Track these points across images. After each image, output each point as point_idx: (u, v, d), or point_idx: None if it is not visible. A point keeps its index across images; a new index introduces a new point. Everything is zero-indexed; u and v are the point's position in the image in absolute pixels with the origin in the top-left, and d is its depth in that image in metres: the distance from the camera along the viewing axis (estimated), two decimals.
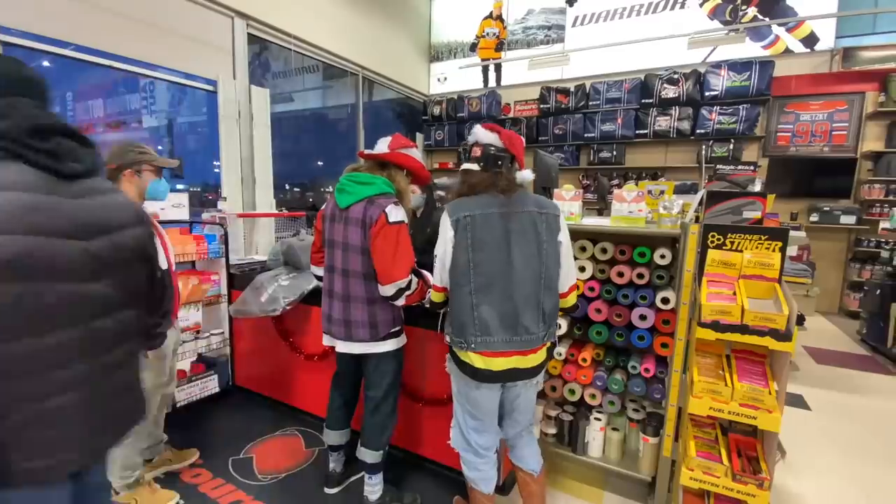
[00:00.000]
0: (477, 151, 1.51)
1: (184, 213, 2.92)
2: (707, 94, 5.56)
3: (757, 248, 1.63)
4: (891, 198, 5.02)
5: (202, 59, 4.33)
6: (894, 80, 4.88)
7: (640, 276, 1.89)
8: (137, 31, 3.81)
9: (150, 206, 2.10)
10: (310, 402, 2.66)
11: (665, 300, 1.85)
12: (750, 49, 5.61)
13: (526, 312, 1.47)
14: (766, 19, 5.53)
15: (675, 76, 5.67)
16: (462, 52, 7.37)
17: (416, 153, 1.88)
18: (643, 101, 5.89)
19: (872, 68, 5.06)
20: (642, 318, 1.90)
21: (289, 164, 7.08)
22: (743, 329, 1.49)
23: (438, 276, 1.56)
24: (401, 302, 1.74)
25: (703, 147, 5.28)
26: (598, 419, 2.05)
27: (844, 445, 2.57)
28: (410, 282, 1.71)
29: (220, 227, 2.89)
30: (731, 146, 5.53)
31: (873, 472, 2.33)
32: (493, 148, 1.50)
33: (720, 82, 5.49)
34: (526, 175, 1.55)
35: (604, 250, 1.97)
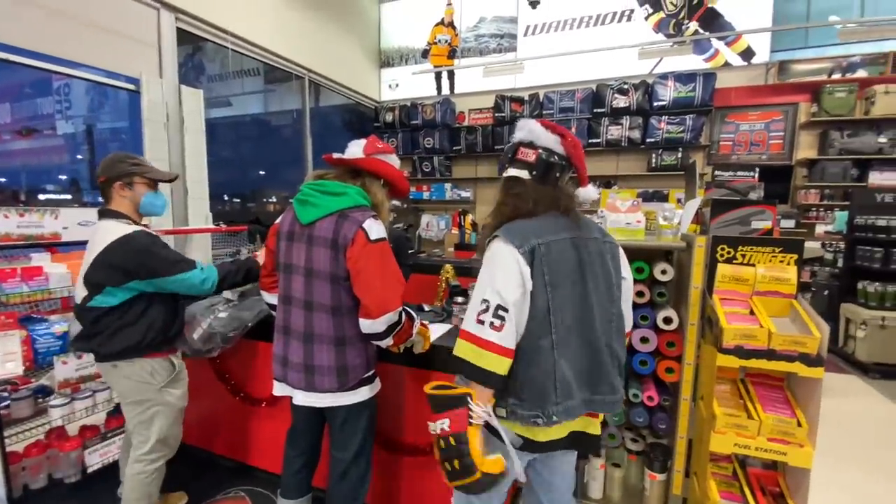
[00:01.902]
0: (530, 155, 1.18)
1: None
2: (655, 103, 5.68)
3: (770, 261, 1.48)
4: (825, 202, 5.33)
5: (123, 54, 3.77)
6: (825, 92, 5.20)
7: (640, 293, 1.71)
8: (48, 22, 3.23)
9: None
10: (257, 455, 2.25)
11: (668, 320, 1.68)
12: (693, 62, 5.82)
13: (607, 365, 1.17)
14: (706, 33, 5.77)
15: (626, 86, 5.76)
16: (414, 58, 7.15)
17: (395, 160, 1.57)
18: (595, 110, 5.94)
19: (805, 80, 5.38)
20: (644, 340, 1.71)
21: (227, 173, 6.50)
22: (770, 354, 1.33)
23: (512, 334, 1.08)
24: (388, 342, 1.42)
25: (694, 155, 5.35)
26: (598, 455, 1.84)
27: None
28: (401, 314, 1.41)
29: None
30: (680, 154, 5.68)
31: (849, 474, 2.30)
32: (553, 155, 1.18)
33: (668, 93, 5.63)
34: (591, 193, 1.24)
35: None
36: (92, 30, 3.57)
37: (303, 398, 1.47)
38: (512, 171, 1.22)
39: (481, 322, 1.09)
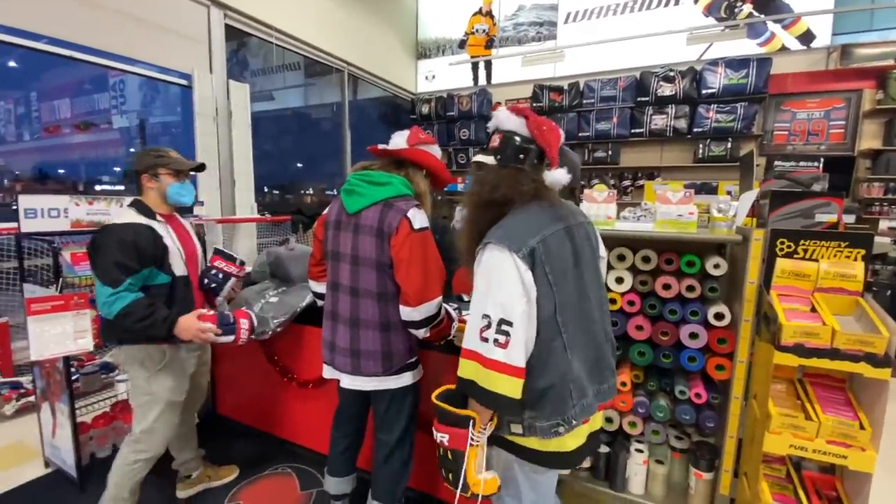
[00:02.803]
0: (496, 140, 1.14)
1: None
2: (704, 91, 5.42)
3: (835, 256, 1.41)
4: (890, 196, 4.97)
5: (176, 51, 3.95)
6: (892, 78, 4.82)
7: (691, 288, 1.66)
8: (107, 20, 3.43)
9: None
10: (304, 434, 2.35)
11: (719, 315, 1.62)
12: (746, 46, 5.51)
13: (607, 351, 1.17)
14: (762, 16, 5.45)
15: (672, 74, 5.53)
16: (451, 49, 7.12)
17: (437, 150, 1.59)
18: (639, 99, 5.73)
19: (870, 65, 5.00)
20: (693, 336, 1.66)
21: (267, 165, 6.72)
22: (833, 354, 1.27)
23: (520, 350, 1.00)
24: (423, 333, 1.45)
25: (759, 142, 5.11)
26: (640, 451, 1.81)
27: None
28: (440, 309, 1.43)
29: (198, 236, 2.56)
30: (729, 145, 5.41)
31: None
32: (515, 136, 1.12)
33: (717, 80, 5.37)
34: (558, 176, 1.13)
35: (646, 259, 1.73)
36: (148, 27, 3.75)
37: (349, 381, 1.53)
38: (478, 157, 1.17)
39: (485, 339, 1.00)
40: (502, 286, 1.01)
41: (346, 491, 1.74)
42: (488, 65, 6.88)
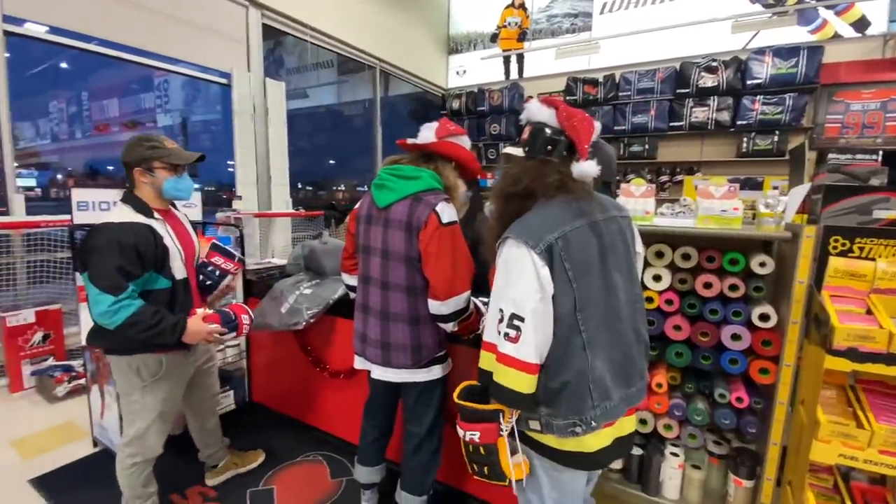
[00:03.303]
0: (525, 132, 1.13)
1: (196, 214, 2.69)
2: (749, 82, 5.17)
3: (895, 255, 1.31)
4: None
5: (216, 51, 4.10)
6: None
7: (734, 287, 1.58)
8: (151, 21, 3.59)
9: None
10: (336, 423, 2.39)
11: (764, 317, 1.55)
12: (795, 34, 5.21)
13: (636, 353, 1.13)
14: (813, 1, 5.13)
15: (714, 64, 5.29)
16: (482, 43, 7.06)
17: (466, 141, 1.58)
18: (678, 91, 5.52)
19: None
20: (735, 337, 1.59)
21: (302, 162, 6.87)
22: (890, 359, 1.19)
23: (531, 346, 0.99)
24: (452, 327, 1.45)
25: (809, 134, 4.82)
26: (676, 454, 1.75)
27: None
28: (468, 303, 1.43)
29: (236, 229, 2.64)
30: (776, 138, 5.14)
31: None
32: (545, 128, 1.10)
33: (764, 69, 5.10)
34: (586, 168, 1.09)
35: (686, 256, 1.66)
36: (190, 28, 3.90)
37: (380, 373, 1.55)
38: (507, 149, 1.16)
39: (499, 333, 1.02)
40: (516, 281, 1.01)
41: (376, 480, 1.77)
42: (520, 58, 6.78)
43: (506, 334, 1.00)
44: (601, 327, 1.06)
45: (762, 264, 1.55)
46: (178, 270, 1.63)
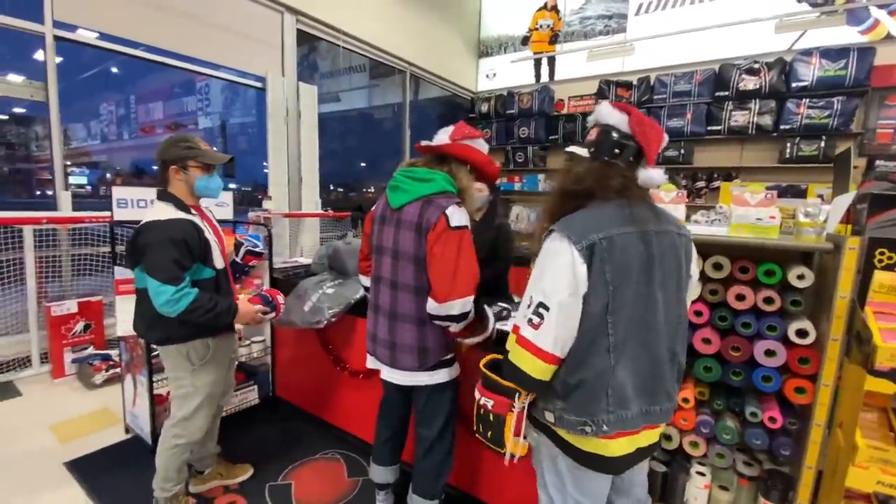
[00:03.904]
0: (592, 133, 1.14)
1: (227, 213, 2.78)
2: (794, 84, 4.92)
3: None
4: None
5: (252, 55, 4.24)
6: None
7: (769, 300, 1.50)
8: (192, 28, 3.76)
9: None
10: (354, 423, 2.41)
11: (802, 332, 1.45)
12: (845, 34, 4.92)
13: (667, 372, 1.10)
14: (864, 0, 4.84)
15: (756, 66, 5.06)
16: (513, 46, 7.02)
17: (483, 145, 1.57)
18: (717, 93, 5.31)
19: None
20: (769, 353, 1.50)
21: (332, 164, 7.00)
22: None
23: (550, 335, 1.02)
24: (456, 327, 1.44)
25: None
26: (702, 474, 1.67)
27: None
28: (466, 308, 1.40)
29: (265, 228, 2.71)
30: (823, 144, 4.87)
31: None
32: (614, 131, 1.10)
33: (810, 72, 4.84)
34: (653, 175, 1.10)
35: (717, 266, 1.59)
36: (229, 34, 4.04)
37: (388, 373, 1.56)
38: (572, 148, 1.16)
39: (524, 317, 1.06)
40: (550, 273, 1.04)
41: (390, 480, 1.77)
42: (551, 61, 6.70)
43: (529, 319, 1.04)
44: (632, 337, 1.05)
45: (801, 277, 1.46)
46: (219, 261, 1.76)
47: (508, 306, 1.95)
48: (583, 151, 1.14)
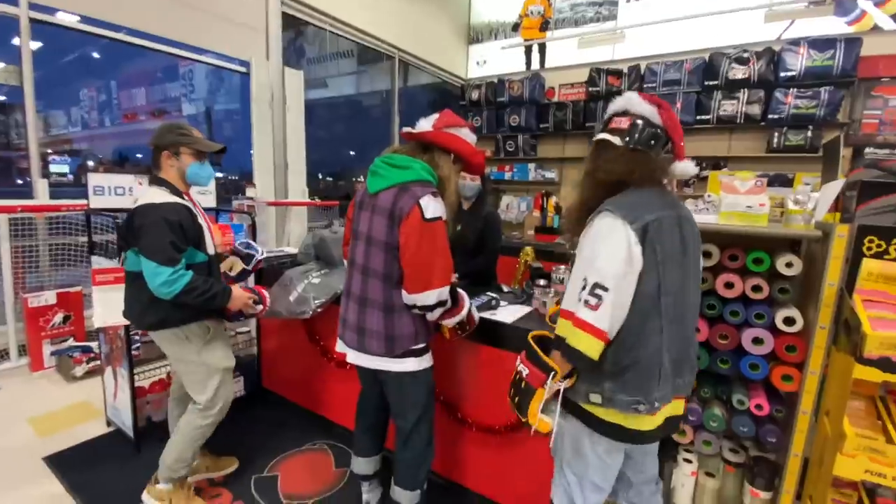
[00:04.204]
0: (623, 123, 1.14)
1: (210, 201, 2.71)
2: (782, 74, 4.92)
3: None
4: None
5: (236, 39, 4.11)
6: None
7: (757, 288, 1.49)
8: (174, 10, 3.62)
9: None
10: (341, 413, 2.39)
11: (789, 320, 1.45)
12: (832, 25, 4.94)
13: (692, 347, 1.19)
14: None
15: (746, 55, 5.06)
16: (503, 32, 6.93)
17: (468, 134, 1.53)
18: (706, 82, 5.30)
19: None
20: (757, 341, 1.50)
21: (320, 152, 6.89)
22: None
23: (607, 315, 1.03)
24: (432, 315, 1.43)
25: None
26: (689, 461, 1.68)
27: None
28: (443, 298, 1.40)
29: (248, 217, 2.65)
30: (810, 133, 4.90)
31: None
32: (649, 123, 1.13)
33: (799, 61, 4.85)
34: (686, 168, 1.17)
35: (706, 254, 1.58)
36: (211, 17, 3.91)
37: (354, 357, 1.54)
38: (603, 135, 1.17)
39: (579, 300, 1.06)
40: (606, 253, 1.05)
41: (369, 472, 1.76)
42: (542, 48, 6.63)
43: (586, 301, 1.04)
44: (675, 317, 1.10)
45: (789, 265, 1.46)
46: (210, 247, 1.78)
47: (496, 295, 1.93)
48: (615, 140, 1.14)
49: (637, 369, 1.07)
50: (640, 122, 1.13)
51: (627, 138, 1.13)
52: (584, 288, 1.05)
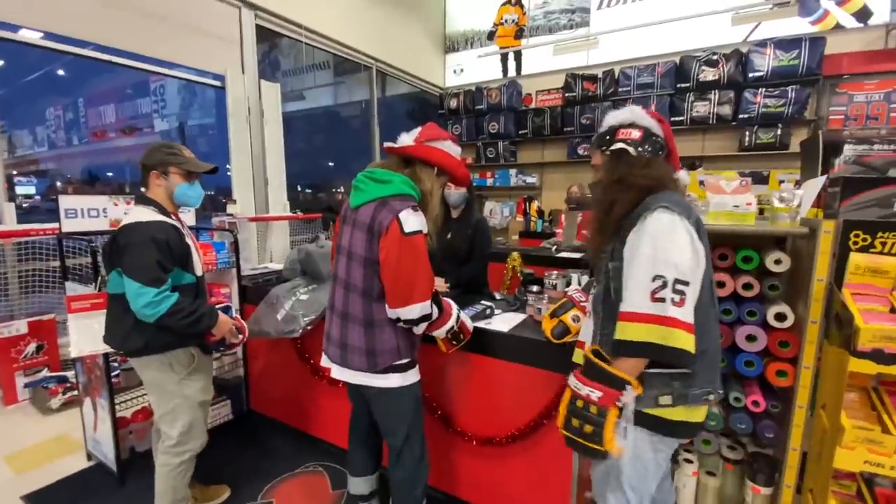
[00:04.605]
0: (634, 133, 1.19)
1: (190, 219, 2.63)
2: (751, 75, 5.09)
3: None
4: None
5: (210, 53, 4.03)
6: None
7: (748, 286, 1.51)
8: (144, 25, 3.53)
9: None
10: (336, 433, 2.33)
11: (780, 316, 1.47)
12: (797, 25, 5.13)
13: None
14: None
15: (715, 57, 5.22)
16: (479, 41, 6.99)
17: (450, 146, 1.51)
18: (679, 85, 5.45)
19: None
20: (750, 338, 1.52)
21: (299, 164, 6.81)
22: None
23: (690, 308, 1.05)
24: (419, 329, 1.42)
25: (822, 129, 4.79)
26: (690, 461, 1.68)
27: None
28: (426, 312, 1.39)
29: (230, 234, 2.58)
30: (779, 131, 5.07)
31: None
32: (655, 134, 1.20)
33: (765, 62, 5.03)
34: (686, 178, 1.30)
35: None
36: (183, 31, 3.83)
37: (338, 372, 1.51)
38: (619, 145, 1.19)
39: (660, 300, 1.03)
40: (675, 247, 1.06)
41: (364, 492, 1.72)
42: (518, 55, 6.71)
43: (672, 299, 1.03)
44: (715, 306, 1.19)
45: (777, 261, 1.48)
46: (198, 268, 1.74)
47: (491, 304, 1.91)
48: (630, 149, 1.18)
49: (704, 360, 1.11)
50: (651, 134, 1.19)
51: (640, 148, 1.17)
52: (664, 286, 1.03)
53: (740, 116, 5.16)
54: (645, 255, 1.07)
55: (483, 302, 1.94)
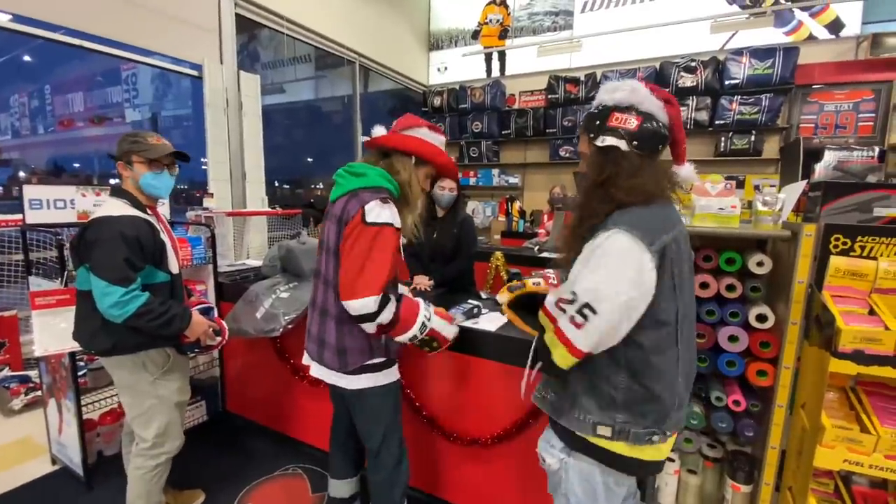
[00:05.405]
0: (631, 121, 0.96)
1: (163, 213, 2.52)
2: (727, 82, 5.24)
3: None
4: None
5: (187, 41, 3.89)
6: None
7: (731, 287, 1.54)
8: (118, 10, 3.37)
9: None
10: (315, 434, 2.27)
11: (762, 317, 1.51)
12: (772, 35, 5.30)
13: (695, 361, 1.11)
14: (789, 3, 5.23)
15: (693, 64, 5.34)
16: (463, 39, 6.98)
17: (426, 134, 1.44)
18: None
19: None
20: (733, 339, 1.55)
21: (279, 159, 6.65)
22: None
23: (592, 339, 0.93)
24: (369, 327, 1.30)
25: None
26: (672, 459, 1.70)
27: None
28: (382, 309, 1.26)
29: (207, 229, 2.49)
30: (753, 138, 5.23)
31: None
32: (656, 122, 0.97)
33: (741, 70, 5.17)
34: (689, 173, 1.05)
35: None
36: (159, 17, 3.68)
37: (316, 370, 1.47)
38: (610, 140, 0.97)
39: (562, 310, 0.95)
40: (608, 276, 0.91)
41: (344, 495, 1.69)
42: (502, 56, 6.73)
43: (571, 317, 0.94)
44: (689, 340, 1.03)
45: (760, 264, 1.51)
46: (174, 265, 1.65)
47: (479, 303, 1.89)
48: (621, 144, 0.97)
49: (657, 402, 0.98)
50: (651, 121, 0.97)
51: (636, 142, 0.96)
52: (571, 302, 0.93)
53: (716, 122, 5.29)
54: (581, 262, 0.97)
55: (471, 301, 1.92)
